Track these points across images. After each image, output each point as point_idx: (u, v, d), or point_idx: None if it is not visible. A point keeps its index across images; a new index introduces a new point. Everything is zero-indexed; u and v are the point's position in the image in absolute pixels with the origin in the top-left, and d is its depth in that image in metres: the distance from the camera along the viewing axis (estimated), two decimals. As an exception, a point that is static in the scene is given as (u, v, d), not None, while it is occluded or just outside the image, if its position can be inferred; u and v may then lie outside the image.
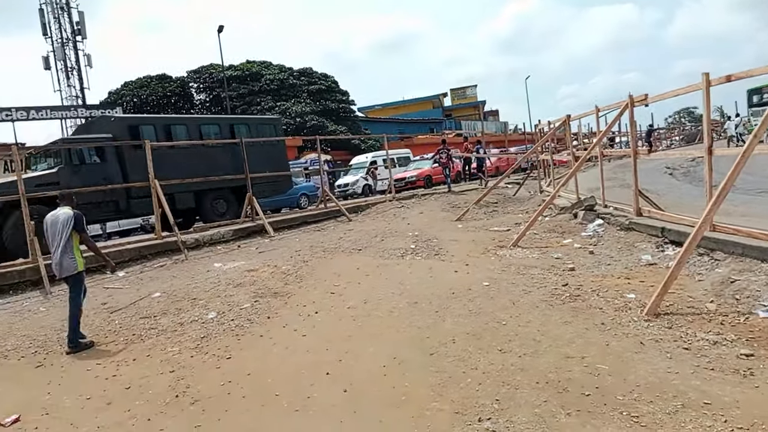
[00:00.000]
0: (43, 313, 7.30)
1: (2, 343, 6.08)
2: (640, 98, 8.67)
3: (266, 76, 41.61)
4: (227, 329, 5.96)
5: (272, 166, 14.97)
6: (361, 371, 4.50)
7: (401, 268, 8.03)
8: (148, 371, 4.98)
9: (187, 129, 14.26)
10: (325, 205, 15.51)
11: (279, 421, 3.81)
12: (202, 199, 13.98)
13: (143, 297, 7.55)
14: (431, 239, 10.03)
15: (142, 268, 9.70)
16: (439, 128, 50.65)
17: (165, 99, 41.20)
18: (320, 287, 7.37)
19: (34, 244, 9.12)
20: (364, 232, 11.41)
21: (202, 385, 4.54)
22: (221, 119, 16.82)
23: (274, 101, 40.40)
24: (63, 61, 39.68)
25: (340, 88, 45.67)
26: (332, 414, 3.82)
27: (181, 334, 5.94)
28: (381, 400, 3.94)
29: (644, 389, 3.68)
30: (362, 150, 36.03)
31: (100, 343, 5.94)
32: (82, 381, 4.90)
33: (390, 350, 4.84)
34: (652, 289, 5.59)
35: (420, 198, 17.11)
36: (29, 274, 8.85)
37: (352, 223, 13.45)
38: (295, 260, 9.09)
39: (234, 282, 7.93)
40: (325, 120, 40.65)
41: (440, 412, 3.67)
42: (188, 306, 6.95)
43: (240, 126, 15.48)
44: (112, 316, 6.78)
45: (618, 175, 15.96)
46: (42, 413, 4.28)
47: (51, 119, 35.13)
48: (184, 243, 10.68)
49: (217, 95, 41.27)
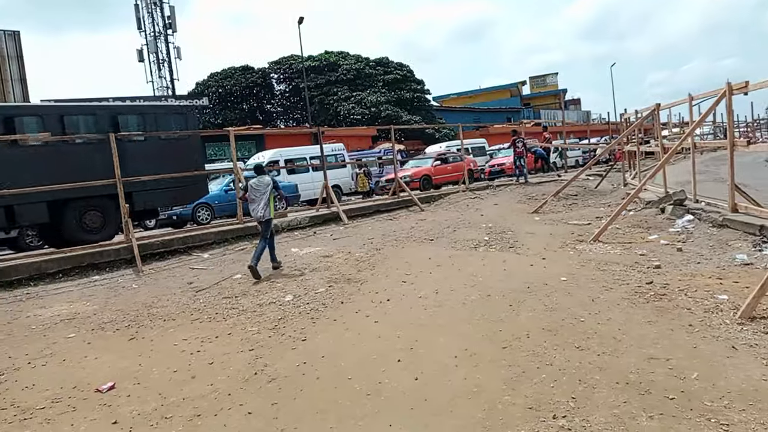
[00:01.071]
0: (135, 290, 7.85)
1: (100, 316, 6.60)
2: (740, 86, 8.02)
3: (343, 66, 42.19)
4: (303, 312, 6.14)
5: (177, 166, 11.83)
6: (432, 361, 4.50)
7: (474, 259, 7.94)
8: (229, 348, 5.23)
9: (41, 121, 10.84)
10: (397, 195, 15.57)
11: (351, 403, 3.89)
12: (63, 212, 10.94)
13: (225, 278, 7.94)
14: (506, 231, 9.83)
15: (224, 251, 10.19)
16: (517, 117, 49.33)
17: (247, 90, 42.84)
18: (392, 275, 7.43)
19: (129, 225, 9.81)
20: (436, 223, 11.37)
21: (278, 365, 4.72)
22: (99, 107, 13.18)
23: (350, 91, 40.94)
24: (155, 54, 42.18)
25: (416, 78, 45.52)
26: (403, 400, 3.85)
27: (260, 314, 6.20)
28: (452, 391, 3.92)
29: (736, 396, 3.43)
30: (436, 140, 35.83)
31: (186, 319, 6.31)
32: (170, 355, 5.23)
33: (461, 342, 4.80)
34: (747, 290, 5.18)
35: (495, 189, 16.80)
36: (123, 252, 9.54)
37: (424, 213, 13.43)
38: (368, 248, 9.22)
39: (310, 266, 8.17)
40: (400, 110, 40.72)
41: (513, 406, 3.61)
42: (267, 288, 7.23)
43: (129, 116, 12.20)
44: (197, 295, 7.18)
45: (710, 168, 14.92)
46: (134, 382, 4.62)
47: (144, 109, 37.49)
48: (263, 228, 11.10)
49: (296, 86, 42.37)
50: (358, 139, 34.81)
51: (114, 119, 11.78)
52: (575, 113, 63.68)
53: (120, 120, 11.83)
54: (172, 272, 8.80)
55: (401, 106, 41.64)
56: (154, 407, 4.11)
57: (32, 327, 6.31)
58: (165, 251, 10.05)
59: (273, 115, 46.00)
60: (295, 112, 45.66)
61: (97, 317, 6.54)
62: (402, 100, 42.26)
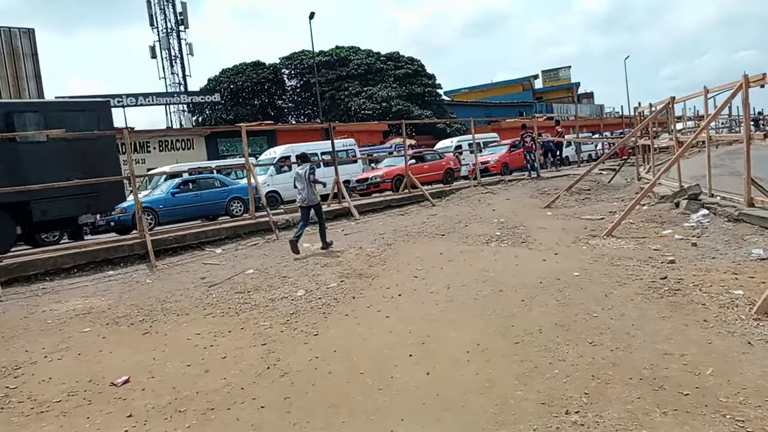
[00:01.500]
0: (149, 285, 7.92)
1: (114, 311, 6.68)
2: (757, 78, 7.90)
3: (354, 61, 42.15)
4: (315, 307, 6.17)
5: (88, 171, 10.56)
6: (444, 355, 4.50)
7: (486, 254, 7.91)
8: (242, 343, 5.27)
9: None
10: (409, 191, 15.55)
11: (363, 398, 3.91)
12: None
13: (238, 273, 7.99)
14: (518, 226, 9.78)
15: (237, 246, 10.25)
16: (529, 111, 48.99)
17: (259, 85, 42.99)
18: (403, 270, 7.43)
19: (142, 221, 9.91)
20: (447, 218, 11.34)
21: (291, 359, 4.75)
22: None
23: (361, 86, 40.91)
24: (167, 50, 42.46)
25: (427, 72, 45.37)
26: (415, 395, 3.86)
27: (272, 309, 6.23)
28: (464, 385, 3.92)
29: (752, 392, 3.40)
30: (447, 134, 35.69)
31: (200, 314, 6.36)
32: (184, 349, 5.28)
33: (473, 336, 4.80)
34: (763, 285, 5.12)
35: (507, 184, 16.72)
36: (137, 248, 9.62)
37: (436, 208, 13.40)
38: (379, 243, 9.22)
39: (321, 262, 8.20)
40: (411, 104, 40.64)
41: (525, 401, 3.60)
42: (279, 283, 7.27)
43: (26, 114, 10.88)
44: (210, 290, 7.24)
45: (726, 162, 14.70)
46: (148, 376, 4.67)
47: (156, 105, 37.86)
48: (276, 224, 11.16)
49: (307, 81, 42.43)
50: (369, 134, 34.80)
51: (8, 117, 10.52)
52: (588, 107, 63.08)
53: (15, 119, 10.55)
54: (185, 267, 8.87)
55: (412, 100, 41.54)
56: (168, 401, 4.16)
57: (48, 321, 6.40)
58: (178, 246, 10.12)
59: (284, 111, 46.14)
60: (306, 108, 45.76)
61: (111, 312, 6.62)
62: (413, 95, 42.15)
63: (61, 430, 3.88)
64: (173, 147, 29.34)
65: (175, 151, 28.88)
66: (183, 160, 26.26)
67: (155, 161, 26.51)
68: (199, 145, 30.09)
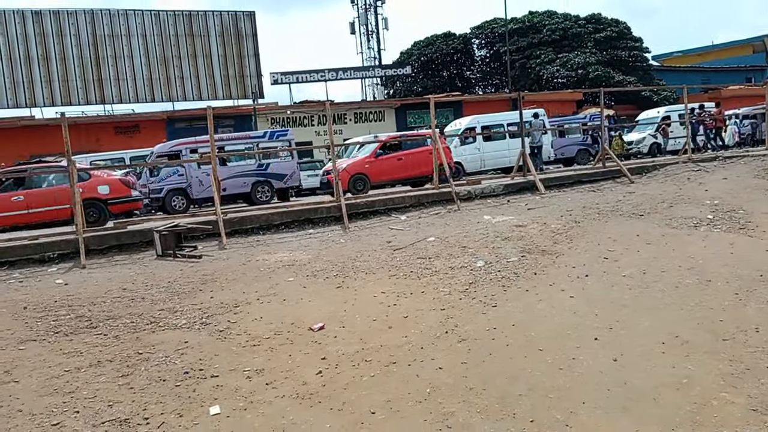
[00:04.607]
0: (342, 244, 8.63)
1: (313, 265, 7.43)
2: None
3: (548, 27, 39.83)
4: (494, 279, 6.14)
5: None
6: (634, 344, 4.16)
7: (693, 239, 7.04)
8: (422, 305, 5.50)
9: None
10: (603, 164, 14.39)
11: (542, 374, 3.82)
12: None
13: (420, 240, 8.28)
14: (735, 210, 8.48)
15: (420, 214, 10.61)
16: (760, 77, 41.53)
17: (448, 57, 43.16)
18: (592, 250, 6.97)
19: (339, 187, 10.80)
20: (647, 196, 10.28)
21: (468, 327, 4.82)
22: None
23: (555, 53, 38.59)
24: (365, 26, 44.77)
25: (632, 35, 40.95)
26: (599, 380, 3.66)
27: (451, 277, 6.36)
28: (656, 378, 3.60)
29: None
30: (654, 103, 32.01)
31: (385, 275, 6.76)
32: (370, 305, 5.69)
33: (671, 327, 4.35)
34: None
35: (724, 161, 14.51)
36: (333, 210, 10.55)
37: (634, 186, 12.22)
38: (566, 220, 8.75)
39: (502, 235, 8.08)
40: (611, 70, 37.20)
41: (731, 404, 3.18)
42: (459, 252, 7.37)
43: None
44: (394, 254, 7.64)
45: None
46: (340, 326, 5.14)
47: (354, 79, 40.33)
48: (458, 194, 11.27)
49: (497, 51, 41.39)
50: (560, 104, 32.76)
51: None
52: None
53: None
54: (374, 231, 9.47)
55: (613, 66, 37.96)
56: (356, 350, 4.55)
57: (260, 269, 7.38)
58: (368, 211, 10.84)
59: (472, 82, 45.75)
60: (494, 78, 44.77)
61: (311, 265, 7.38)
62: (615, 60, 38.49)
63: (268, 363, 4.49)
64: (366, 119, 31.14)
65: (369, 123, 30.62)
66: (374, 131, 27.76)
67: (351, 132, 28.44)
68: (390, 117, 31.46)
